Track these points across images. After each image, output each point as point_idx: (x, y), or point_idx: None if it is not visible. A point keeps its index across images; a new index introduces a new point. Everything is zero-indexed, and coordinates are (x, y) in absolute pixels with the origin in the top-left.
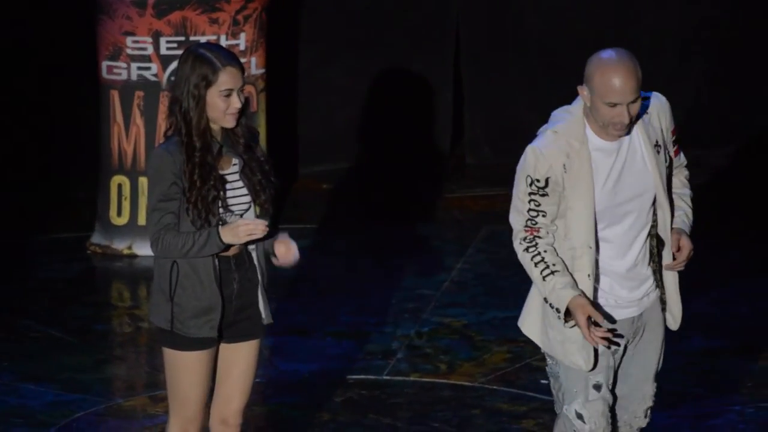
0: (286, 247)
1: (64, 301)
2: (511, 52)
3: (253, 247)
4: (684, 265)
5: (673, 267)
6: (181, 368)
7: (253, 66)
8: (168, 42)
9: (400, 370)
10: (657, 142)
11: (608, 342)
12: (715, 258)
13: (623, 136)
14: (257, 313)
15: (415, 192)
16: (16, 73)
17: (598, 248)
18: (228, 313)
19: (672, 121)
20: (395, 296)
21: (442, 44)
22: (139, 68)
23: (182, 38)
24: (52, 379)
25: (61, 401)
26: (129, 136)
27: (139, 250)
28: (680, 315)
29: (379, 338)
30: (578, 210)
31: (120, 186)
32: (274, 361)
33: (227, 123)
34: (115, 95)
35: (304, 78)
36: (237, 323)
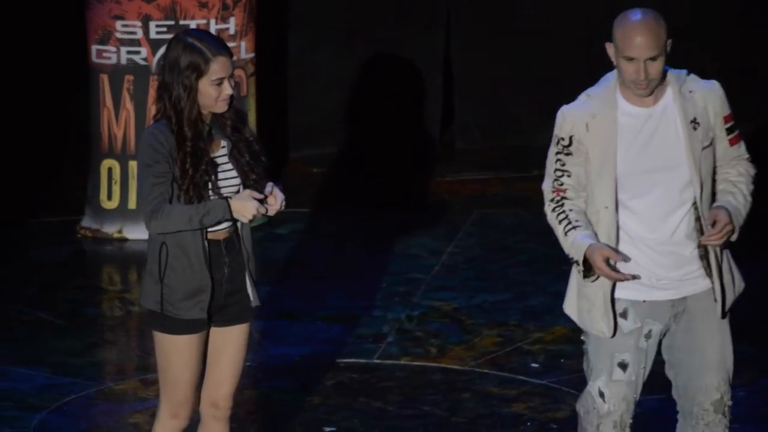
0: (274, 198)
1: (55, 285)
2: (502, 36)
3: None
4: (719, 239)
5: (706, 241)
6: (172, 352)
7: (243, 50)
8: (157, 26)
9: (391, 353)
10: (695, 119)
11: (629, 276)
12: None
13: (645, 96)
14: (246, 297)
15: (405, 176)
16: (5, 57)
17: (617, 211)
18: (218, 296)
19: (725, 107)
20: (385, 280)
21: (432, 29)
22: (128, 52)
23: (172, 22)
24: (42, 363)
25: (51, 385)
26: (119, 120)
27: (129, 233)
28: (721, 303)
29: (370, 322)
30: (597, 170)
31: (110, 170)
32: (265, 345)
33: (219, 109)
34: (104, 79)
35: (294, 62)
36: (227, 307)
